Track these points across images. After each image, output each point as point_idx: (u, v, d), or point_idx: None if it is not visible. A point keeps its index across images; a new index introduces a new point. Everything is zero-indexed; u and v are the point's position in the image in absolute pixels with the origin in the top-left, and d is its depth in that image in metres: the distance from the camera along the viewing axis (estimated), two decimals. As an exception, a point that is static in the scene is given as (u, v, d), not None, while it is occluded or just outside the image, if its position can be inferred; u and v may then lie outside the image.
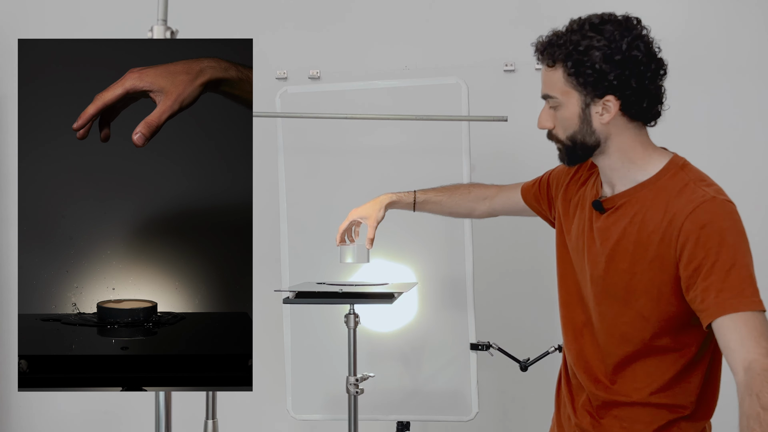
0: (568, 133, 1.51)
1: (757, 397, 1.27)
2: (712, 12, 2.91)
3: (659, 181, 1.48)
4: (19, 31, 3.28)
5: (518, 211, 1.94)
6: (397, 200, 2.03)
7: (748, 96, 2.87)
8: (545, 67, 1.51)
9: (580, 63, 1.44)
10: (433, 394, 2.59)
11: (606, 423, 1.58)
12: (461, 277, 2.58)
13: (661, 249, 1.43)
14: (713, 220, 1.39)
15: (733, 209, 1.42)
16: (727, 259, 1.37)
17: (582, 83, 1.45)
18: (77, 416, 3.32)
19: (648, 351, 1.51)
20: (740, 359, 1.32)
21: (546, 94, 1.52)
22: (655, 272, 1.45)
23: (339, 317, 2.24)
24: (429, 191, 2.05)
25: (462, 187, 2.07)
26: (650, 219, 1.46)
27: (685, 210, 1.41)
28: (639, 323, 1.50)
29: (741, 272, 1.36)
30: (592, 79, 1.44)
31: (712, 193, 1.43)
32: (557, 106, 1.51)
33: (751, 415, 1.28)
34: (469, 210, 2.04)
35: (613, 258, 1.50)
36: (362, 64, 3.09)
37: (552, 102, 1.51)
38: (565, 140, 1.52)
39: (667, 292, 1.45)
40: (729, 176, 2.78)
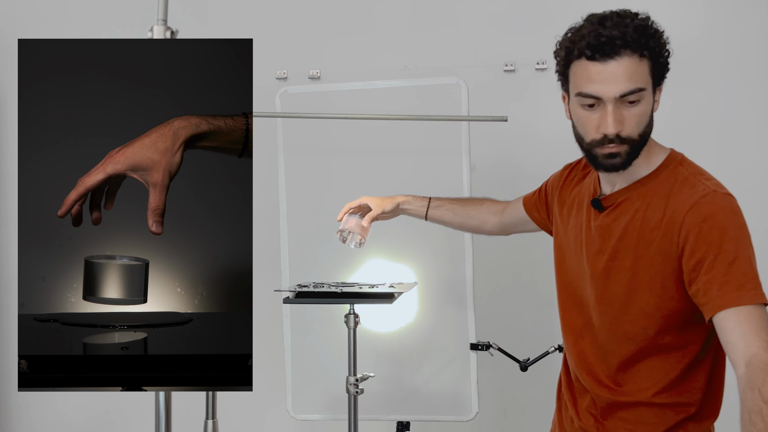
0: (640, 129, 1.42)
1: (759, 392, 1.27)
2: (723, 11, 2.91)
3: (659, 176, 1.48)
4: (18, 31, 3.28)
5: (523, 224, 1.95)
6: (412, 200, 2.06)
7: (757, 95, 2.87)
8: (630, 59, 1.36)
9: (661, 48, 1.40)
10: (433, 394, 2.59)
11: (610, 425, 1.56)
12: (461, 277, 2.58)
13: (664, 244, 1.43)
14: (714, 213, 1.38)
15: (733, 202, 1.42)
16: (729, 252, 1.36)
17: (658, 69, 1.41)
18: (77, 416, 3.32)
19: (651, 349, 1.50)
20: (741, 353, 1.31)
21: (630, 90, 1.37)
22: (657, 268, 1.45)
23: (339, 317, 2.24)
24: (443, 198, 2.08)
25: (475, 199, 2.09)
26: (651, 215, 1.45)
27: (686, 204, 1.41)
28: (642, 320, 1.49)
29: (743, 265, 1.36)
30: (664, 63, 1.42)
31: (713, 187, 1.42)
32: (640, 100, 1.39)
33: (753, 409, 1.27)
34: (479, 222, 2.04)
35: (616, 256, 1.50)
36: (362, 64, 3.09)
37: (636, 96, 1.39)
38: (638, 137, 1.42)
39: (670, 287, 1.45)
40: (738, 176, 2.78)
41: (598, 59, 1.37)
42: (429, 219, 2.08)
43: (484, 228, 2.05)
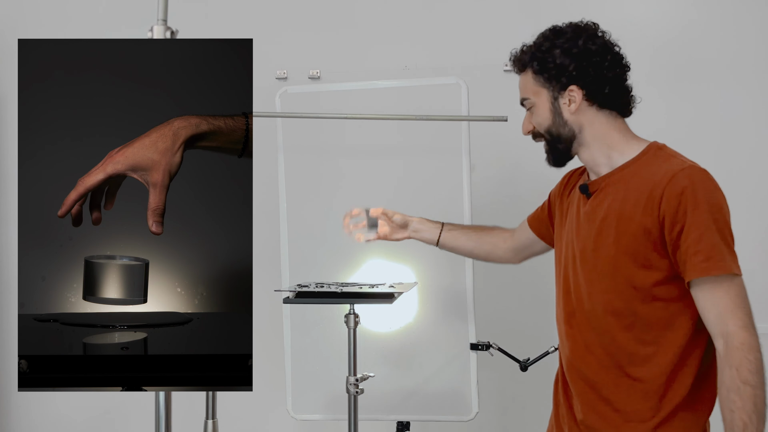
0: (543, 128, 1.66)
1: (737, 371, 1.39)
2: (723, 12, 2.91)
3: (639, 160, 1.58)
4: (18, 31, 3.28)
5: (532, 244, 2.00)
6: (426, 221, 2.11)
7: (757, 95, 2.87)
8: (524, 75, 1.67)
9: (543, 61, 1.61)
10: (433, 394, 2.59)
11: (606, 414, 1.59)
12: (461, 277, 2.58)
13: (645, 218, 1.51)
14: (690, 185, 1.47)
15: (709, 176, 1.50)
16: (702, 223, 1.45)
17: (547, 78, 1.61)
18: (77, 416, 3.32)
19: (642, 329, 1.54)
20: (717, 328, 1.44)
21: (522, 99, 1.69)
22: (639, 242, 1.52)
23: (339, 317, 2.24)
24: (455, 224, 2.13)
25: (485, 226, 2.13)
26: (631, 193, 1.54)
27: (665, 178, 1.50)
28: (630, 294, 1.54)
29: (712, 237, 1.45)
30: (555, 72, 1.60)
31: (690, 162, 1.53)
32: (532, 106, 1.66)
33: (731, 387, 1.40)
34: (492, 247, 2.08)
35: (600, 234, 1.59)
36: (362, 64, 3.09)
37: (528, 104, 1.68)
38: (545, 134, 1.66)
39: (655, 260, 1.52)
40: (738, 176, 2.80)
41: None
42: (441, 244, 2.10)
43: (496, 253, 2.08)
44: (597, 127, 1.62)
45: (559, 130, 1.64)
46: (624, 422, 1.56)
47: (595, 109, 1.61)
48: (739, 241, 1.54)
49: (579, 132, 1.62)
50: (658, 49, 2.90)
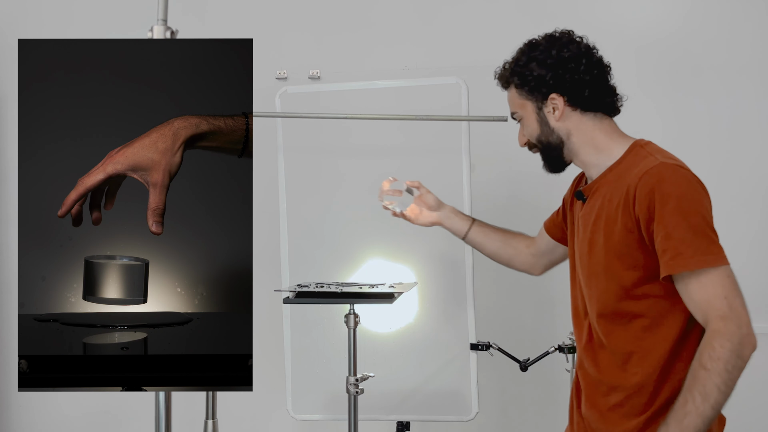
0: (534, 138, 1.72)
1: (700, 355, 1.43)
2: (715, 12, 2.91)
3: (623, 162, 1.61)
4: (18, 31, 3.28)
5: (551, 251, 2.00)
6: (458, 212, 2.12)
7: (749, 97, 2.87)
8: (510, 90, 1.74)
9: (522, 75, 1.68)
10: (433, 394, 2.59)
11: (602, 408, 1.62)
12: (461, 277, 2.58)
13: (625, 218, 1.53)
14: (657, 182, 1.48)
15: (680, 171, 1.50)
16: (669, 219, 1.46)
17: (529, 91, 1.68)
18: (77, 416, 3.32)
19: (636, 327, 1.56)
20: (701, 319, 1.46)
21: (512, 113, 1.76)
22: (624, 242, 1.54)
23: (339, 317, 2.24)
24: (484, 222, 2.12)
25: (512, 231, 2.12)
26: (615, 195, 1.57)
27: (635, 178, 1.52)
28: (621, 295, 1.56)
29: (681, 233, 1.45)
30: (534, 84, 1.66)
31: (662, 159, 1.53)
32: (521, 119, 1.74)
33: (692, 369, 1.44)
34: (515, 251, 2.07)
35: (592, 238, 1.62)
36: (362, 64, 3.09)
37: (517, 117, 1.75)
38: (537, 143, 1.72)
39: (639, 259, 1.53)
40: (728, 176, 2.80)
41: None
42: (468, 238, 2.10)
43: (518, 259, 2.08)
44: (584, 131, 1.65)
45: (548, 138, 1.69)
46: (620, 417, 1.58)
47: (579, 113, 1.65)
48: (735, 241, 1.54)
49: (567, 138, 1.67)
50: (654, 47, 2.90)
